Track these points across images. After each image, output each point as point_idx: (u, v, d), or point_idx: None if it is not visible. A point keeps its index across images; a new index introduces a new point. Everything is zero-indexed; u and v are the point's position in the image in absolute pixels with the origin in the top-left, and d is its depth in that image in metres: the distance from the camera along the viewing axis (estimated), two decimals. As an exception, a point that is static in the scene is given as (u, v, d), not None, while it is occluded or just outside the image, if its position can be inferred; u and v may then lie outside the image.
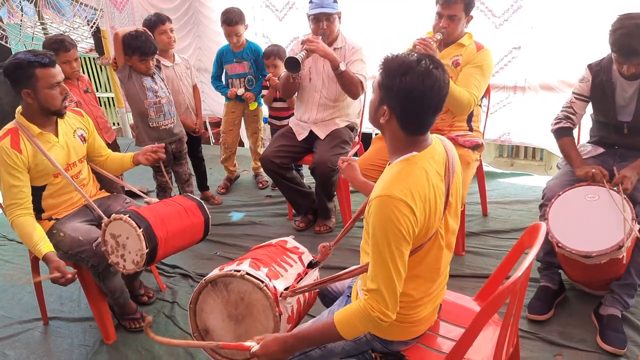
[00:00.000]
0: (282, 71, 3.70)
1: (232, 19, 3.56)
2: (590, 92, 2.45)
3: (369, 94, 3.50)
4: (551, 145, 3.81)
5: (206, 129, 5.69)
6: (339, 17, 3.11)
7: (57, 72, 2.21)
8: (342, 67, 2.96)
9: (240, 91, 3.74)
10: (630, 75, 2.24)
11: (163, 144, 2.55)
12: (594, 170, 2.26)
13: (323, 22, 3.02)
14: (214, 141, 5.84)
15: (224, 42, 3.78)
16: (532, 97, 3.70)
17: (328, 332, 1.46)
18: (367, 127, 4.19)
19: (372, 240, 1.41)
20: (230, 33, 3.60)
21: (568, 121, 2.53)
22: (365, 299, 1.42)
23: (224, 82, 3.87)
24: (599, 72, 2.40)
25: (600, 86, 2.39)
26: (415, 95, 1.39)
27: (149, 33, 3.13)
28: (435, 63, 1.41)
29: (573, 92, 2.54)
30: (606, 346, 2.19)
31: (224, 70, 3.81)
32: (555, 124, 2.56)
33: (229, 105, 3.91)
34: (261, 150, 4.05)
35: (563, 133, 2.53)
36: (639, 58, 2.14)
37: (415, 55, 1.42)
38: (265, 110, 4.05)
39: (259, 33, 4.51)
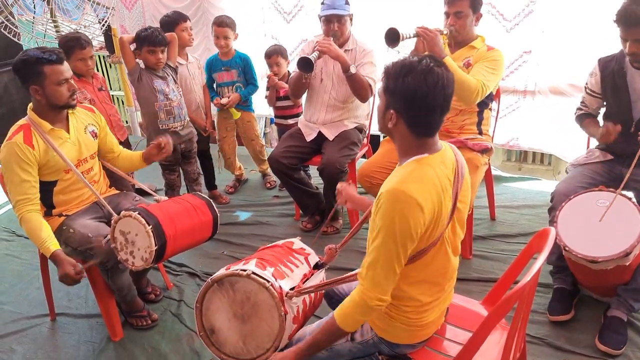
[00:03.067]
0: (287, 69, 3.72)
1: (222, 21, 3.57)
2: (601, 87, 2.45)
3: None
4: (560, 151, 3.79)
5: (214, 128, 5.70)
6: (351, 19, 3.11)
7: (65, 69, 2.22)
8: (353, 70, 2.96)
9: (224, 100, 3.71)
10: (632, 55, 2.23)
11: (168, 139, 2.53)
12: (606, 128, 2.33)
13: (334, 24, 3.03)
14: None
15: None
16: (541, 101, 3.68)
17: (332, 330, 1.48)
18: (376, 129, 4.19)
19: (379, 232, 1.40)
20: (218, 34, 3.59)
21: (585, 110, 2.59)
22: (362, 289, 1.43)
23: (215, 91, 3.84)
24: (610, 64, 2.40)
25: (611, 77, 2.39)
26: (420, 95, 1.39)
27: (159, 28, 3.14)
28: (436, 62, 1.41)
29: (585, 87, 2.57)
30: (601, 346, 2.19)
31: (214, 80, 3.80)
32: (575, 113, 2.64)
33: (220, 112, 3.90)
34: (265, 157, 4.04)
35: (583, 117, 2.60)
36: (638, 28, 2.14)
37: (416, 56, 1.43)
38: (267, 110, 4.03)
39: (267, 34, 4.52)
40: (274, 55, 3.63)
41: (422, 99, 1.40)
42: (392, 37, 2.52)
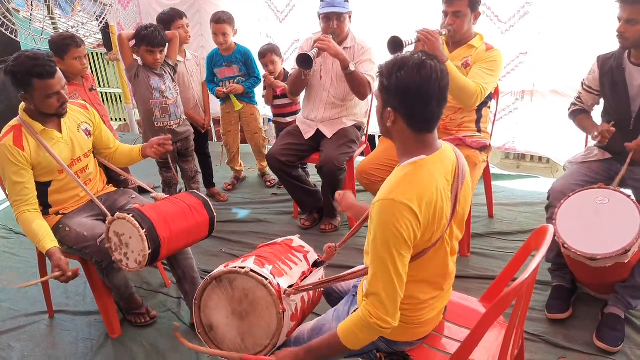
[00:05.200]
0: (282, 67, 3.72)
1: (219, 17, 3.57)
2: (600, 84, 2.46)
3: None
4: (556, 154, 3.79)
5: (212, 125, 5.69)
6: (350, 17, 3.11)
7: (56, 82, 2.16)
8: (352, 67, 2.96)
9: (225, 89, 3.70)
10: (619, 35, 2.25)
11: (169, 136, 2.52)
12: (599, 131, 2.35)
13: (334, 22, 3.02)
14: (215, 139, 5.83)
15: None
16: (538, 103, 3.67)
17: (334, 344, 1.45)
18: (374, 129, 4.18)
19: (372, 245, 1.40)
20: (217, 31, 3.59)
21: (579, 105, 2.61)
22: (364, 305, 1.41)
23: (216, 84, 3.82)
24: (609, 61, 2.41)
25: (609, 75, 2.40)
26: (414, 88, 1.39)
27: (161, 27, 3.12)
28: (428, 56, 1.41)
29: (582, 82, 2.58)
30: (599, 343, 2.20)
31: (215, 75, 3.80)
32: (569, 109, 2.66)
33: (223, 107, 3.91)
34: (265, 151, 4.05)
35: (577, 113, 2.62)
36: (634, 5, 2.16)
37: (408, 52, 1.43)
38: (263, 110, 4.03)
39: (262, 33, 4.51)
40: (268, 54, 3.63)
41: (417, 92, 1.39)
42: (395, 46, 2.51)
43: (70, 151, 2.35)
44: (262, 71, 3.80)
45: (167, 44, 3.10)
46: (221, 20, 3.57)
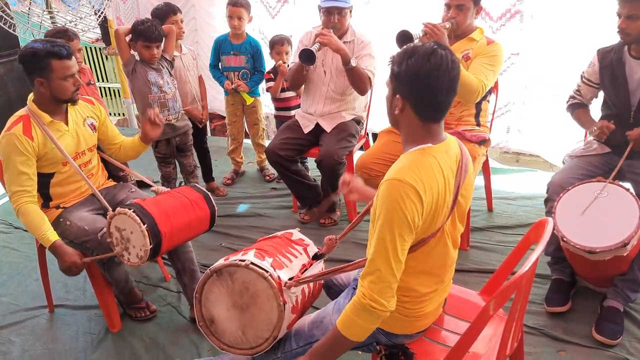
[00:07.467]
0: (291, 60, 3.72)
1: (236, 1, 3.59)
2: (600, 77, 2.46)
3: (376, 89, 3.51)
4: (549, 154, 3.79)
5: (210, 119, 5.67)
6: (350, 11, 3.10)
7: (72, 64, 2.21)
8: (353, 62, 2.95)
9: (234, 85, 3.72)
10: (620, 31, 2.25)
11: (157, 111, 2.53)
12: (598, 127, 2.35)
13: (335, 16, 3.01)
14: (210, 134, 5.82)
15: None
16: (531, 104, 3.66)
17: (336, 338, 1.45)
18: (373, 126, 4.17)
19: (376, 224, 1.40)
20: (232, 14, 3.61)
21: (578, 99, 2.60)
22: (359, 288, 1.41)
23: (220, 71, 3.84)
24: (609, 54, 2.41)
25: (609, 68, 2.40)
26: (423, 75, 1.39)
27: (157, 21, 3.11)
28: (441, 46, 1.42)
29: (581, 75, 2.57)
30: (598, 336, 2.21)
31: (220, 61, 3.80)
32: (567, 102, 2.65)
33: (228, 98, 3.92)
34: (264, 142, 4.05)
35: (575, 107, 2.62)
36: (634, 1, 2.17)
37: (421, 42, 1.44)
38: (265, 100, 4.03)
39: (256, 29, 4.51)
40: (286, 43, 3.64)
41: (425, 80, 1.40)
42: (404, 39, 2.49)
43: (75, 144, 2.36)
44: (269, 61, 3.80)
45: (163, 39, 3.09)
46: (238, 4, 3.59)
